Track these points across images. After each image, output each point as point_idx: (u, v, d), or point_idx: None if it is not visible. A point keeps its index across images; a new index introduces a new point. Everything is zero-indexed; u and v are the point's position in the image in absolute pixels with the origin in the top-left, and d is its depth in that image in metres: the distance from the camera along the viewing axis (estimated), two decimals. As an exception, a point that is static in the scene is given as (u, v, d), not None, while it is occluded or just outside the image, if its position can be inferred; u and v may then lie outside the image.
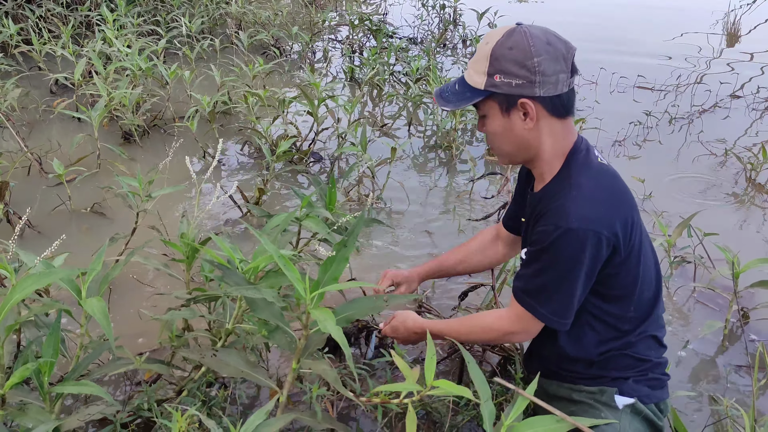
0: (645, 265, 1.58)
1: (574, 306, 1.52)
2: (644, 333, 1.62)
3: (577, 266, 1.45)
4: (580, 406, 1.63)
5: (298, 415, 1.48)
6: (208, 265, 1.73)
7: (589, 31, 7.13)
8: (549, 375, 1.73)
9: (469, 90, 1.53)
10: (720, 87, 5.25)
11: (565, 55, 1.47)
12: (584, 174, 1.51)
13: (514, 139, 1.55)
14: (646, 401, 1.61)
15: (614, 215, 1.46)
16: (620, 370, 1.62)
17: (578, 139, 1.58)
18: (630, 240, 1.49)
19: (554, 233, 1.44)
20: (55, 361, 1.41)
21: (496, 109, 1.53)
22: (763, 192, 3.62)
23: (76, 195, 3.14)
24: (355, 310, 1.50)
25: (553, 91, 1.47)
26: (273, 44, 5.78)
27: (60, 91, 4.53)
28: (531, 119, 1.50)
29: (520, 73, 1.45)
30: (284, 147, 3.06)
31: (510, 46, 1.45)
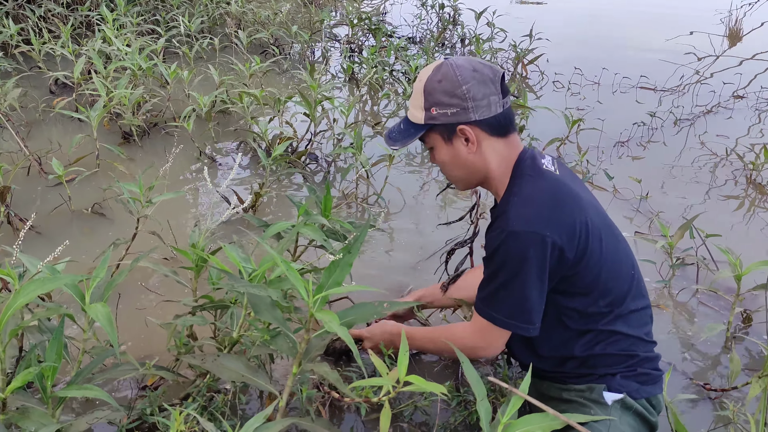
0: (611, 263, 1.60)
1: (532, 309, 1.55)
2: (624, 330, 1.63)
3: (524, 267, 1.50)
4: (570, 405, 1.65)
5: (297, 419, 1.48)
6: (216, 273, 1.73)
7: (591, 31, 7.14)
8: (540, 376, 1.75)
9: (413, 126, 1.64)
10: (723, 87, 5.25)
11: (492, 78, 1.56)
12: (525, 181, 1.58)
13: (462, 164, 1.64)
14: (636, 396, 1.62)
15: (556, 217, 1.51)
16: (607, 367, 1.63)
17: (523, 151, 1.66)
18: (579, 241, 1.52)
19: (498, 238, 1.51)
20: (59, 366, 1.41)
21: (440, 139, 1.62)
22: (764, 192, 3.62)
23: (76, 195, 3.13)
24: (356, 315, 1.51)
25: (488, 114, 1.56)
26: (272, 43, 5.77)
27: (59, 90, 4.52)
28: (473, 143, 1.59)
29: (453, 102, 1.55)
30: (279, 150, 3.05)
31: (439, 79, 1.56)
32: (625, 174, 3.59)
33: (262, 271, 1.56)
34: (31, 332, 1.60)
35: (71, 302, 2.28)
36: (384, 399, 1.42)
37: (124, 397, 1.99)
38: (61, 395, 1.41)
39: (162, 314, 2.33)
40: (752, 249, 3.02)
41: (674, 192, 3.61)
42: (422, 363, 2.25)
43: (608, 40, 6.82)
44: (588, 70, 5.56)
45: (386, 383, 1.40)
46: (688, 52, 6.12)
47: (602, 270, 1.58)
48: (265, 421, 1.38)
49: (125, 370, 1.56)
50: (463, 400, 1.94)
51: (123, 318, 2.28)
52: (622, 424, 1.57)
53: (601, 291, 1.59)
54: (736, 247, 2.55)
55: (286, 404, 1.50)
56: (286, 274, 1.36)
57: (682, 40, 6.66)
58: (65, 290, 1.45)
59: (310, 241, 2.09)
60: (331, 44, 6.32)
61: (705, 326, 2.32)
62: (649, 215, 3.30)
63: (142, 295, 2.50)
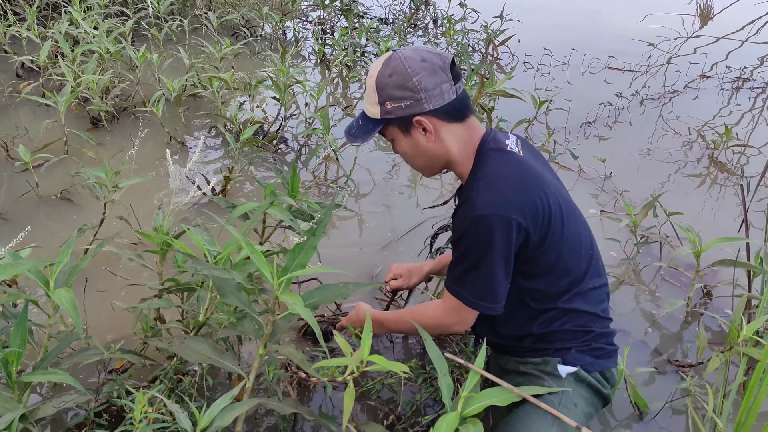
0: (571, 243, 1.64)
1: (498, 290, 1.59)
2: (582, 307, 1.68)
3: (491, 250, 1.52)
4: (526, 377, 1.71)
5: (264, 399, 1.50)
6: (181, 256, 1.74)
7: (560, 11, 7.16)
8: (501, 351, 1.81)
9: (371, 122, 1.65)
10: (689, 68, 5.31)
11: (442, 66, 1.57)
12: (488, 164, 1.60)
13: (422, 153, 1.66)
14: (590, 369, 1.68)
15: (521, 199, 1.53)
16: (563, 341, 1.69)
17: (485, 133, 1.68)
18: (543, 222, 1.56)
19: (465, 223, 1.54)
20: (23, 351, 1.41)
21: (398, 132, 1.64)
22: (725, 171, 3.70)
23: (43, 181, 3.10)
24: (321, 297, 1.53)
25: (441, 102, 1.57)
26: (243, 25, 5.72)
27: (26, 74, 4.45)
28: (430, 133, 1.60)
29: (405, 95, 1.56)
30: (247, 134, 3.06)
31: (389, 73, 1.57)
32: (592, 154, 3.64)
33: (226, 253, 1.58)
34: (-5, 318, 1.61)
35: (36, 288, 2.28)
36: (348, 378, 1.45)
37: (92, 381, 2.01)
38: (26, 380, 1.42)
39: (129, 299, 2.34)
40: (714, 226, 3.10)
41: (639, 171, 3.67)
42: (391, 343, 2.29)
43: (580, 20, 6.85)
44: (558, 50, 5.59)
45: (350, 363, 1.43)
46: (659, 37, 6.18)
47: (563, 250, 1.62)
48: (233, 401, 1.41)
49: (91, 355, 1.57)
50: (428, 377, 1.98)
51: (89, 303, 2.28)
52: (575, 396, 1.63)
53: (562, 271, 1.63)
54: (698, 224, 2.62)
55: (253, 385, 1.52)
56: (251, 257, 1.37)
57: (654, 20, 6.71)
58: (30, 276, 1.46)
59: (278, 222, 2.10)
60: (303, 25, 6.28)
61: (666, 301, 2.39)
62: (613, 194, 3.36)
63: (108, 279, 2.50)
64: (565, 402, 1.60)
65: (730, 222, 3.19)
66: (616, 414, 2.02)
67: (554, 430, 1.52)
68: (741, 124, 4.41)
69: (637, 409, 2.02)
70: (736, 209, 3.30)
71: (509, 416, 1.58)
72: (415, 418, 1.90)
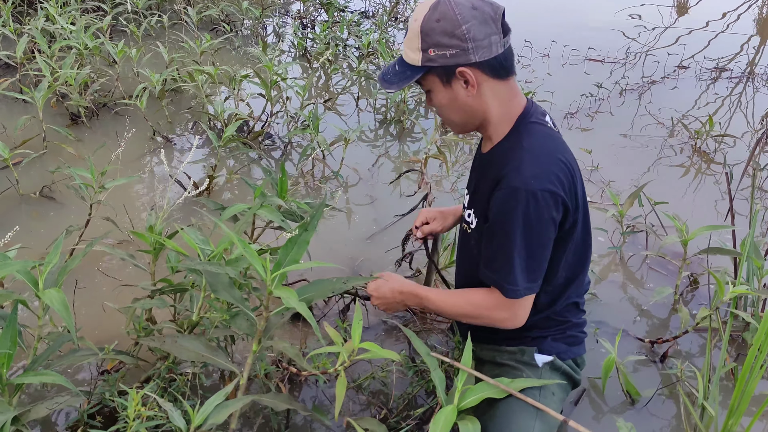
0: (581, 234, 1.63)
1: (543, 268, 1.54)
2: (570, 298, 1.70)
3: (545, 226, 1.47)
4: (503, 368, 1.71)
5: (258, 396, 1.49)
6: (174, 256, 1.72)
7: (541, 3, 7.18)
8: (476, 338, 1.75)
9: (409, 68, 1.54)
10: (668, 58, 5.36)
11: (493, 17, 1.47)
12: (535, 138, 1.52)
13: (460, 107, 1.56)
14: (564, 357, 1.70)
15: (567, 180, 1.49)
16: (540, 330, 1.70)
17: (529, 104, 1.60)
18: (576, 210, 1.53)
19: (514, 198, 1.45)
20: (14, 353, 1.39)
21: (438, 82, 1.53)
22: (709, 160, 3.73)
23: (23, 178, 3.05)
24: (315, 291, 1.52)
25: (488, 55, 1.47)
26: (223, 20, 5.67)
27: (2, 70, 4.37)
28: (472, 86, 1.51)
29: (452, 43, 1.45)
30: (231, 130, 3.02)
31: (437, 18, 1.46)
32: (575, 145, 3.63)
33: (219, 251, 1.57)
34: (-17, 320, 1.58)
35: (24, 289, 2.24)
36: (340, 369, 1.44)
37: (84, 382, 1.98)
38: (17, 382, 1.40)
39: (119, 299, 2.31)
40: (698, 214, 3.13)
41: (622, 161, 3.70)
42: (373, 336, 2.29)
43: (558, 12, 6.87)
44: (538, 42, 5.60)
45: (341, 351, 1.42)
46: (637, 28, 6.22)
47: (579, 238, 1.61)
48: (225, 399, 1.39)
49: (83, 356, 1.55)
50: (419, 370, 1.98)
51: (79, 304, 2.25)
52: (551, 385, 1.64)
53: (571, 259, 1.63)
54: (683, 213, 2.65)
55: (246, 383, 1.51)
56: (244, 253, 1.36)
57: (632, 11, 6.76)
58: (18, 277, 1.43)
59: (267, 222, 2.09)
60: (284, 20, 6.23)
61: (654, 290, 2.41)
62: (600, 185, 3.38)
63: (97, 280, 2.47)
64: (545, 392, 1.62)
65: (712, 210, 3.22)
66: (608, 402, 2.03)
67: (537, 422, 1.53)
68: (719, 113, 4.45)
69: (629, 397, 2.03)
70: (719, 197, 3.34)
71: (491, 411, 1.57)
72: (407, 412, 1.90)
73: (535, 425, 1.52)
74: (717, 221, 3.08)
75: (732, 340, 2.32)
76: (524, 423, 1.52)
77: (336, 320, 1.96)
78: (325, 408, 1.97)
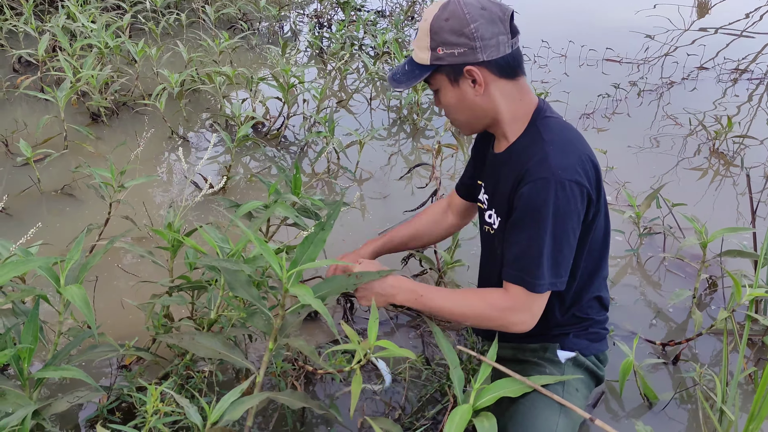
0: (599, 228, 1.61)
1: (569, 262, 1.52)
2: (589, 293, 1.69)
3: (573, 218, 1.46)
4: (525, 366, 1.70)
5: (274, 393, 1.50)
6: (192, 253, 1.73)
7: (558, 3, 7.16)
8: (493, 337, 1.72)
9: (417, 68, 1.56)
10: (687, 59, 5.31)
11: (501, 17, 1.49)
12: (554, 132, 1.53)
13: (468, 107, 1.57)
14: (586, 353, 1.69)
15: (591, 173, 1.49)
16: (562, 327, 1.69)
17: (541, 101, 1.61)
18: (599, 194, 1.53)
19: (544, 189, 1.44)
20: (35, 348, 1.41)
21: (446, 81, 1.55)
22: (727, 162, 3.70)
23: (44, 176, 3.09)
24: (329, 289, 1.52)
25: (496, 54, 1.49)
26: (240, 18, 5.70)
27: (23, 68, 4.42)
28: (480, 85, 1.52)
29: (460, 41, 1.47)
30: (244, 131, 3.04)
31: (446, 17, 1.48)
32: (592, 146, 3.63)
33: (237, 249, 1.58)
34: (5, 315, 1.60)
35: (45, 285, 2.27)
36: (356, 367, 1.45)
37: (102, 376, 2.00)
38: (38, 376, 1.42)
39: (136, 297, 2.33)
40: (716, 216, 3.11)
41: (639, 162, 3.68)
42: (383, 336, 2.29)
43: (577, 12, 6.84)
44: (555, 43, 5.58)
45: (358, 348, 1.43)
46: (657, 28, 6.18)
47: (598, 230, 1.60)
48: (241, 395, 1.40)
49: (103, 351, 1.57)
50: (433, 372, 1.99)
51: (98, 300, 2.28)
52: (575, 381, 1.64)
53: (590, 251, 1.62)
54: (701, 215, 2.62)
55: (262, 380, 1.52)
56: (261, 251, 1.37)
57: (652, 12, 6.71)
58: (39, 273, 1.45)
59: (282, 219, 2.10)
60: (300, 18, 6.26)
61: (672, 293, 2.39)
62: (616, 186, 3.36)
63: (115, 277, 2.49)
64: (568, 388, 1.61)
65: (731, 212, 3.19)
66: (626, 406, 2.02)
67: (561, 417, 1.52)
68: (739, 115, 4.41)
69: (647, 401, 2.02)
70: (738, 199, 3.31)
71: (515, 407, 1.57)
72: (421, 412, 1.90)
73: (558, 421, 1.51)
74: (736, 223, 3.06)
75: (752, 344, 2.30)
76: (548, 419, 1.51)
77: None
78: (339, 406, 1.98)
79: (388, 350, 1.44)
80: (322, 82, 4.73)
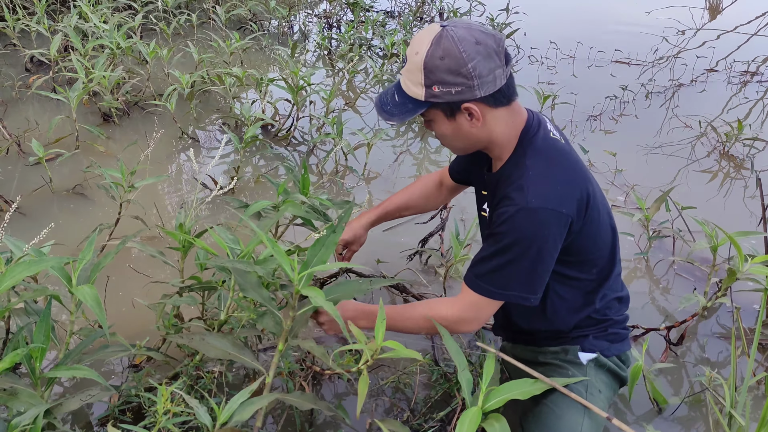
0: (601, 229, 1.61)
1: (538, 281, 1.52)
2: (607, 295, 1.69)
3: (540, 244, 1.46)
4: (547, 367, 1.70)
5: (283, 395, 1.50)
6: (203, 254, 1.74)
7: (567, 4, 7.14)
8: (514, 340, 1.80)
9: (411, 101, 1.51)
10: (697, 61, 5.29)
11: (497, 50, 1.45)
12: (537, 154, 1.52)
13: (464, 137, 1.56)
14: (607, 354, 1.69)
15: (570, 192, 1.48)
16: (581, 329, 1.69)
17: (529, 116, 1.59)
18: (586, 212, 1.52)
19: (515, 215, 1.45)
20: (47, 347, 1.42)
21: (441, 115, 1.52)
22: (737, 165, 3.68)
23: (56, 176, 3.11)
24: (342, 292, 1.53)
25: (493, 89, 1.46)
26: (250, 19, 5.72)
27: (35, 68, 4.45)
28: (477, 119, 1.50)
29: (457, 81, 1.43)
30: (251, 132, 3.05)
31: (441, 56, 1.42)
32: (598, 148, 3.64)
33: (248, 249, 1.58)
34: (17, 315, 1.61)
35: (56, 285, 2.28)
36: (363, 367, 1.45)
37: (111, 375, 2.01)
38: (50, 376, 1.43)
39: (146, 297, 2.34)
40: (727, 220, 3.09)
41: (647, 165, 3.66)
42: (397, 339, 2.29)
43: (587, 14, 6.83)
44: (564, 44, 5.57)
45: (365, 348, 1.43)
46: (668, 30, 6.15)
47: (597, 237, 1.60)
48: (251, 396, 1.41)
49: (114, 351, 1.58)
50: (442, 374, 1.99)
51: (108, 300, 2.29)
52: (597, 382, 1.64)
53: (594, 258, 1.62)
54: (711, 218, 2.61)
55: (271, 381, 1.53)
56: (273, 253, 1.37)
57: (663, 14, 6.68)
58: (52, 272, 1.46)
59: (290, 220, 2.11)
60: (309, 19, 6.27)
61: (681, 297, 2.38)
62: (624, 188, 3.35)
63: (125, 277, 2.50)
64: (591, 389, 1.62)
65: (741, 215, 3.18)
66: (635, 410, 2.02)
67: (585, 419, 1.53)
68: (750, 117, 4.39)
69: (656, 405, 2.02)
70: (747, 202, 3.29)
71: (538, 408, 1.58)
72: (429, 414, 1.90)
73: (583, 422, 1.52)
74: (746, 227, 3.04)
75: (762, 348, 2.29)
76: (572, 420, 1.52)
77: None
78: (346, 407, 1.98)
79: (396, 351, 1.44)
80: (330, 82, 4.74)
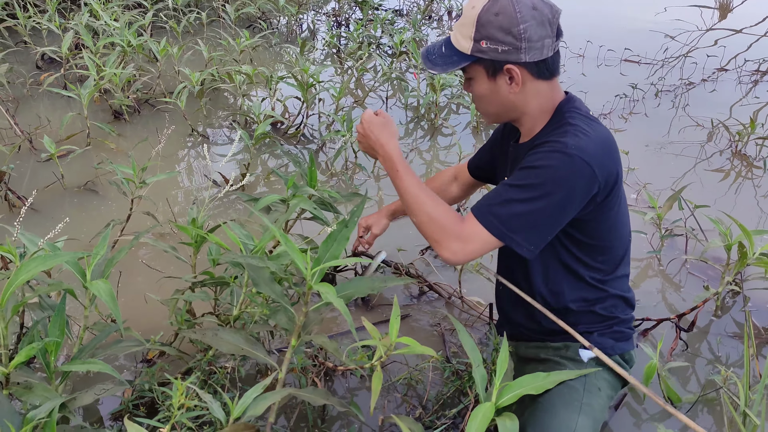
0: (620, 221, 1.60)
1: (545, 233, 1.48)
2: (613, 290, 1.67)
3: (567, 193, 1.42)
4: (547, 364, 1.69)
5: (296, 390, 1.50)
6: (216, 249, 1.74)
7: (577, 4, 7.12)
8: (518, 337, 1.78)
9: (456, 54, 1.52)
10: (707, 60, 5.27)
11: (550, 20, 1.46)
12: (580, 118, 1.51)
13: (500, 101, 1.55)
14: (611, 353, 1.67)
15: (606, 161, 1.46)
16: (586, 325, 1.67)
17: (568, 96, 1.59)
18: (611, 190, 1.50)
19: (551, 154, 1.42)
20: (62, 342, 1.42)
21: (482, 73, 1.52)
22: (750, 164, 3.66)
23: (68, 172, 3.12)
24: (354, 289, 1.53)
25: (539, 56, 1.46)
26: (260, 17, 5.73)
27: (46, 65, 4.47)
28: (517, 84, 1.50)
29: (506, 39, 1.44)
30: (261, 129, 3.06)
31: (496, 11, 1.43)
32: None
33: (261, 245, 1.59)
34: (32, 309, 1.62)
35: (70, 280, 2.29)
36: (376, 363, 1.45)
37: (124, 369, 2.02)
38: (65, 369, 1.43)
39: (158, 292, 2.35)
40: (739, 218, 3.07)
41: (659, 163, 3.65)
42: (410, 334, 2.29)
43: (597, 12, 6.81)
44: (573, 43, 5.55)
45: (379, 344, 1.43)
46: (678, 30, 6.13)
47: (613, 226, 1.58)
48: (263, 391, 1.41)
49: (128, 346, 1.58)
50: (454, 371, 1.98)
51: (120, 295, 2.30)
52: (598, 380, 1.62)
53: (606, 246, 1.61)
54: (724, 217, 2.59)
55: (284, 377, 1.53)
56: (286, 248, 1.37)
57: (673, 13, 6.66)
58: (66, 267, 1.47)
59: (299, 213, 2.11)
60: (318, 17, 6.27)
61: (694, 296, 2.37)
62: (636, 187, 3.34)
63: (138, 272, 2.51)
64: (589, 387, 1.60)
65: (754, 214, 3.16)
66: (649, 408, 2.01)
67: (580, 417, 1.51)
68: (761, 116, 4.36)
69: (670, 403, 2.01)
70: (760, 201, 3.27)
71: (533, 406, 1.56)
72: (441, 411, 1.90)
73: (578, 420, 1.50)
74: (759, 226, 3.02)
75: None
76: (567, 418, 1.50)
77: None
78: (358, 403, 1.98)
79: (410, 347, 1.44)
80: (338, 80, 4.74)
